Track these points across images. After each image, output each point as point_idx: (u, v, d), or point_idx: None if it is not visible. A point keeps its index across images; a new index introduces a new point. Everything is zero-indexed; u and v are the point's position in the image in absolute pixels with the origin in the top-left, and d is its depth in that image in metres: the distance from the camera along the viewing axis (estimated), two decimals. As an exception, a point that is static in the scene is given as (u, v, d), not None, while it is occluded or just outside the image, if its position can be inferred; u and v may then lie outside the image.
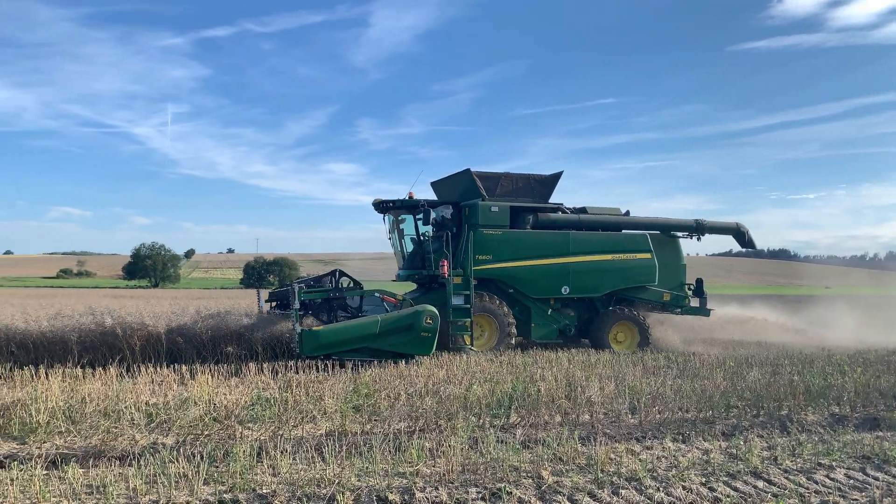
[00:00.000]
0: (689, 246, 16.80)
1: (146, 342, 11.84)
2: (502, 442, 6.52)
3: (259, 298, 13.93)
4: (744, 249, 18.41)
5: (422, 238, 15.18)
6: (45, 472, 5.49)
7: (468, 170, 15.32)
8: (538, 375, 9.96)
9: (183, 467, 5.43)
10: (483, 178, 15.18)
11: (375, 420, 7.53)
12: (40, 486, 5.01)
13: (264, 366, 11.05)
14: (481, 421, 7.46)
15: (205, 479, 5.31)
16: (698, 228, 16.65)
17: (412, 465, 5.82)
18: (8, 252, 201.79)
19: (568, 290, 15.02)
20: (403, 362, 11.53)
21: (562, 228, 15.37)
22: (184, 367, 10.81)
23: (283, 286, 15.35)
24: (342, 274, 13.54)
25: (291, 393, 8.44)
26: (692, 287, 16.53)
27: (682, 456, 6.36)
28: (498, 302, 14.42)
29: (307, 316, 12.91)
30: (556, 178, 15.79)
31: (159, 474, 5.35)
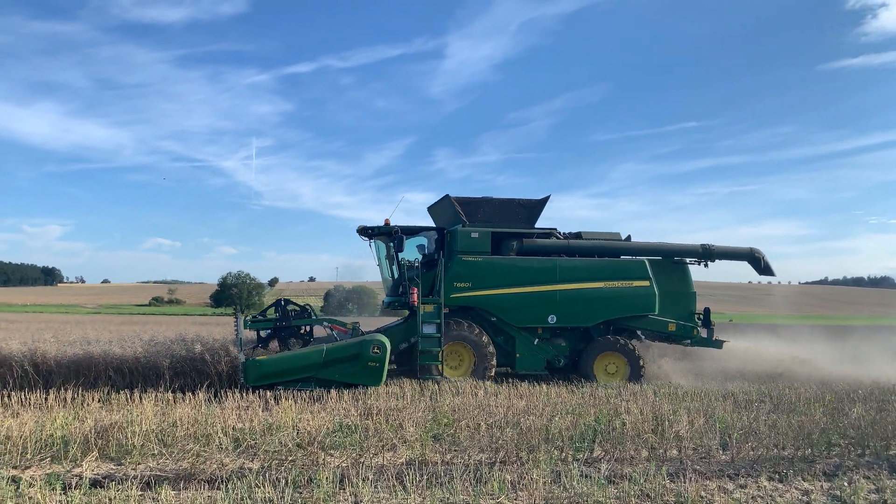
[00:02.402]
0: (783, 273, 15.72)
1: (232, 368, 12.19)
2: (586, 476, 6.32)
3: (238, 323, 12.62)
4: (762, 276, 16.65)
5: (399, 265, 14.75)
6: (140, 493, 5.68)
7: (447, 196, 14.93)
8: (622, 408, 9.66)
9: (269, 493, 5.52)
10: (463, 203, 14.67)
11: (455, 450, 7.45)
12: (135, 507, 5.19)
13: (345, 393, 11.20)
14: (564, 454, 7.26)
15: (289, 504, 5.37)
16: (705, 254, 15.43)
17: (494, 498, 5.72)
18: (105, 281, 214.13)
19: (555, 320, 14.21)
20: (482, 393, 11.41)
21: (550, 254, 14.63)
22: (268, 393, 11.07)
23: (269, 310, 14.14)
24: (287, 302, 13.36)
25: (372, 420, 8.49)
26: (700, 316, 15.41)
27: (780, 496, 6.00)
28: (476, 331, 13.86)
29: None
30: (542, 202, 15.00)
31: (246, 499, 5.45)
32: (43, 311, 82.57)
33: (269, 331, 13.14)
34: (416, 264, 14.35)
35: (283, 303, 13.27)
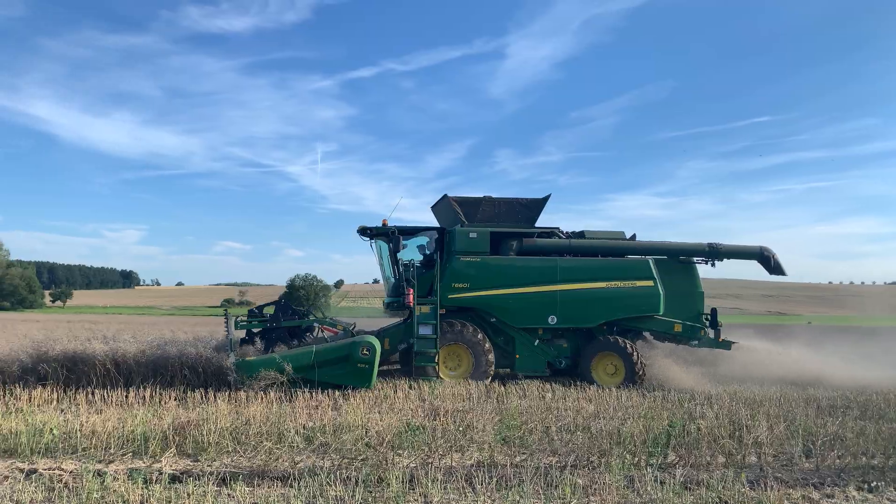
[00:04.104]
0: (864, 273, 14.85)
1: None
2: (661, 482, 6.12)
3: (228, 323, 12.73)
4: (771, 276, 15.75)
5: (398, 266, 14.61)
6: (216, 488, 5.82)
7: (446, 195, 14.71)
8: (697, 412, 9.35)
9: (340, 491, 5.56)
10: (462, 203, 14.47)
11: (524, 452, 7.36)
12: (213, 502, 5.32)
13: (412, 393, 11.24)
14: (636, 459, 7.06)
15: (360, 503, 5.40)
16: (712, 253, 14.86)
17: (565, 502, 5.60)
18: (179, 283, 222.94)
19: (556, 320, 13.90)
20: (550, 395, 11.26)
21: (551, 254, 14.30)
22: (337, 393, 11.23)
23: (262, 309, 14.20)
24: (288, 304, 13.29)
25: (439, 421, 8.47)
26: (708, 316, 14.86)
27: (871, 508, 5.66)
28: (475, 332, 13.65)
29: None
30: (542, 201, 14.67)
31: (318, 496, 5.51)
32: (121, 313, 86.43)
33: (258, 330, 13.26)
34: (412, 264, 14.21)
35: (282, 301, 13.33)
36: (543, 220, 14.73)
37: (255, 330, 13.49)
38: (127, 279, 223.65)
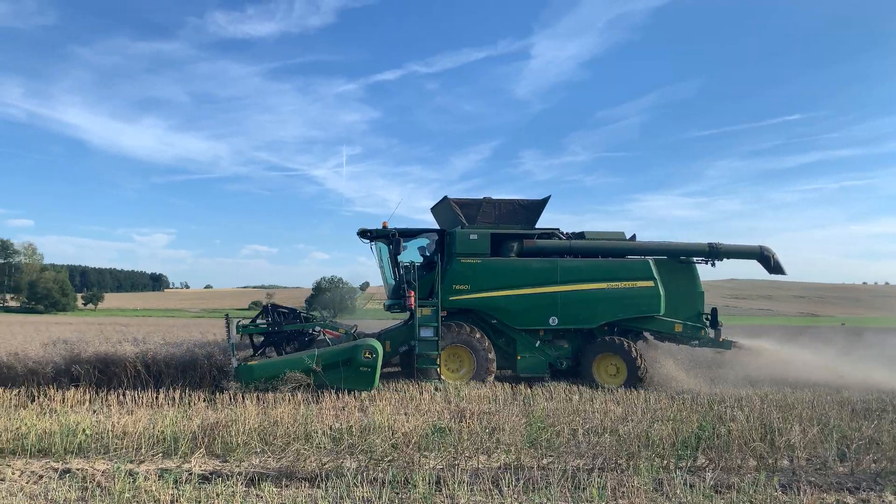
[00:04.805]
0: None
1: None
2: (690, 486, 6.03)
3: (228, 327, 12.69)
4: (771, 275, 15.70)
5: (398, 268, 14.56)
6: (244, 488, 5.87)
7: (446, 197, 14.66)
8: (727, 415, 9.20)
9: (367, 492, 5.57)
10: (462, 204, 14.45)
11: (551, 455, 7.30)
12: (242, 502, 5.36)
13: (437, 395, 11.24)
14: (665, 462, 6.98)
15: (387, 505, 5.41)
16: (712, 253, 14.78)
17: (593, 505, 5.55)
18: (208, 286, 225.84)
19: (557, 321, 13.88)
20: (577, 398, 11.17)
21: (552, 255, 14.23)
22: (363, 394, 11.26)
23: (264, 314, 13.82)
24: (275, 307, 13.18)
25: (465, 423, 8.45)
26: (708, 316, 14.82)
27: (910, 514, 5.52)
28: (474, 332, 13.63)
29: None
30: (542, 202, 14.64)
31: (345, 497, 5.52)
32: (151, 315, 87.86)
33: (262, 337, 13.22)
34: (413, 266, 14.16)
35: (269, 308, 13.21)
36: (543, 221, 14.79)
37: (256, 340, 13.48)
38: (156, 282, 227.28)
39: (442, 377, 13.35)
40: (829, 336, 20.74)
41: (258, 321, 13.56)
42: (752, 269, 15.27)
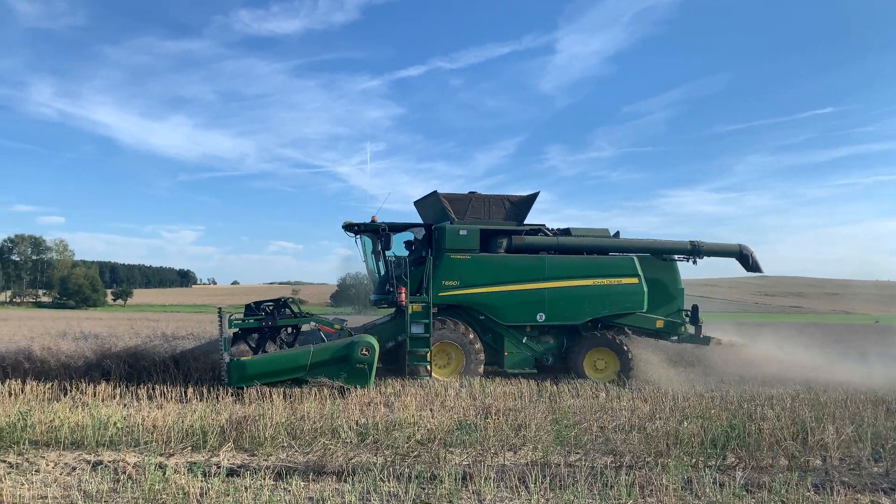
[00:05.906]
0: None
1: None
2: (720, 484, 5.94)
3: (221, 321, 12.21)
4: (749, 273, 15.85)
5: (386, 263, 14.43)
6: (272, 482, 5.92)
7: (435, 192, 14.54)
8: (757, 414, 9.06)
9: (393, 487, 5.58)
10: (452, 199, 14.32)
11: (578, 452, 7.26)
12: (269, 496, 5.40)
13: (462, 391, 11.23)
14: (694, 460, 6.89)
15: (413, 499, 5.41)
16: (694, 251, 15.05)
17: (620, 502, 5.50)
18: (235, 282, 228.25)
19: (544, 318, 13.86)
20: (603, 395, 11.10)
21: (539, 252, 14.22)
22: (389, 390, 11.29)
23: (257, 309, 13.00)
24: (259, 304, 12.77)
25: (491, 420, 8.43)
26: (689, 313, 15.02)
27: (948, 516, 5.38)
28: (464, 329, 13.60)
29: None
30: (531, 198, 14.59)
31: (371, 492, 5.54)
32: (179, 311, 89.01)
33: (256, 335, 12.81)
34: (404, 262, 14.04)
35: (253, 306, 12.82)
36: (531, 217, 14.83)
37: (225, 333, 12.78)
38: (184, 278, 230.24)
39: (433, 375, 13.26)
40: (859, 335, 20.43)
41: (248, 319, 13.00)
42: (783, 267, 15.11)
